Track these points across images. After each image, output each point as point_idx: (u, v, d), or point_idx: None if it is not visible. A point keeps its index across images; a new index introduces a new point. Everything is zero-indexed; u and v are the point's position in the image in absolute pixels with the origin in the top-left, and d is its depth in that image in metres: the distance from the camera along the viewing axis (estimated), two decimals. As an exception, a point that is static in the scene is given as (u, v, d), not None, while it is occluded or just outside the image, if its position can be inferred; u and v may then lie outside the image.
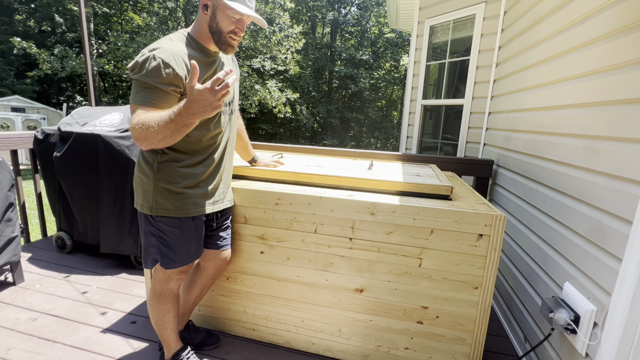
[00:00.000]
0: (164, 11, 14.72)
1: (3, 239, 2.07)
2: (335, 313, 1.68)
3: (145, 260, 1.46)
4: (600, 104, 1.36)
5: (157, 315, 1.50)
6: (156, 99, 1.18)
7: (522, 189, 2.09)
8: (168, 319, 1.50)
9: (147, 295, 1.54)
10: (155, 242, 1.40)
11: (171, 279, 1.46)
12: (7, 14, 16.10)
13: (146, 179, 1.34)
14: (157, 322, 1.51)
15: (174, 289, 1.50)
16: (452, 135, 3.46)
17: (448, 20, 3.37)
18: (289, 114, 16.08)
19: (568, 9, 1.68)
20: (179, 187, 1.34)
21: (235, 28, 1.29)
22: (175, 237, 1.39)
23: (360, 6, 22.72)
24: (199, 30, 1.30)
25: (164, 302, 1.48)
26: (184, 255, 1.43)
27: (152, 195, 1.33)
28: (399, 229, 1.51)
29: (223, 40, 1.30)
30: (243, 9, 1.25)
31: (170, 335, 1.54)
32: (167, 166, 1.32)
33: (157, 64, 1.15)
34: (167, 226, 1.37)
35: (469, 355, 1.58)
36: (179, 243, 1.40)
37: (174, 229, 1.38)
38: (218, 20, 1.26)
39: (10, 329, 1.86)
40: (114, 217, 2.49)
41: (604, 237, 1.24)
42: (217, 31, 1.28)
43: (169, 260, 1.41)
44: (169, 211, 1.35)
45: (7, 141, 2.59)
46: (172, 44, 1.24)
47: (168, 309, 1.49)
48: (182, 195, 1.35)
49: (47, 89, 18.55)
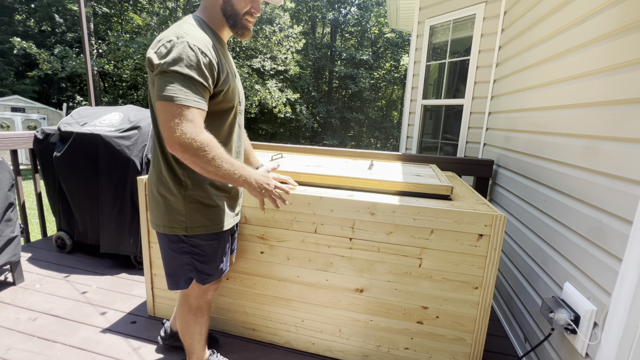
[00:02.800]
0: (164, 11, 14.71)
1: (3, 239, 2.07)
2: (335, 313, 1.68)
3: (175, 282, 1.34)
4: (601, 104, 1.36)
5: (194, 330, 1.43)
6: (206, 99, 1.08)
7: (522, 189, 2.09)
8: (204, 331, 1.46)
9: (179, 311, 1.45)
10: (189, 259, 1.30)
11: (208, 290, 1.41)
12: (7, 14, 16.10)
13: (173, 197, 1.21)
14: (195, 337, 1.44)
15: (210, 299, 1.45)
16: (452, 135, 3.46)
17: (448, 20, 3.37)
18: (289, 114, 16.09)
19: (568, 9, 1.68)
20: (212, 201, 1.25)
21: (251, 8, 1.19)
22: (212, 252, 1.32)
23: (361, 6, 22.72)
24: (211, 16, 1.19)
25: (201, 316, 1.42)
26: (220, 268, 1.37)
27: (184, 214, 1.22)
28: (399, 229, 1.51)
29: (240, 24, 1.19)
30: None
31: (202, 345, 1.48)
32: (198, 180, 1.22)
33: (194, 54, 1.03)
34: (203, 241, 1.28)
35: (469, 355, 1.58)
36: (215, 257, 1.34)
37: (211, 243, 1.30)
38: (233, 2, 1.16)
39: (10, 329, 1.86)
40: (114, 217, 2.49)
41: (604, 237, 1.24)
42: (233, 14, 1.17)
43: (205, 275, 1.33)
44: (207, 228, 1.26)
45: (7, 141, 2.59)
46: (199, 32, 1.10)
47: (205, 321, 1.45)
48: (217, 209, 1.27)
49: (47, 89, 18.55)
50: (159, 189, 1.23)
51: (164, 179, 1.21)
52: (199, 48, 1.04)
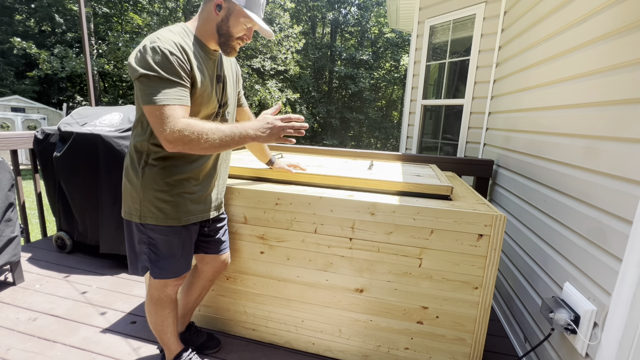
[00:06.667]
0: (164, 11, 14.71)
1: (3, 239, 2.07)
2: (335, 313, 1.68)
3: (134, 266, 1.41)
4: (601, 104, 1.36)
5: (155, 320, 1.47)
6: (186, 96, 1.15)
7: (522, 189, 2.09)
8: (167, 323, 1.48)
9: (145, 300, 1.52)
10: (146, 249, 1.35)
11: (167, 285, 1.42)
12: (7, 14, 16.09)
13: (133, 186, 1.28)
14: (156, 328, 1.49)
15: (172, 294, 1.46)
16: (452, 135, 3.46)
17: (448, 21, 3.37)
18: (289, 114, 16.06)
19: (568, 9, 1.68)
20: (169, 194, 1.28)
21: (244, 35, 1.28)
22: (167, 247, 1.34)
23: (360, 6, 22.73)
24: (203, 27, 1.25)
25: (161, 308, 1.45)
26: (175, 266, 1.38)
27: (140, 202, 1.27)
28: (399, 229, 1.51)
29: (229, 45, 1.28)
30: (258, 20, 1.24)
31: (171, 339, 1.52)
32: (156, 171, 1.26)
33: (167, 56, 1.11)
34: (157, 235, 1.32)
35: (469, 355, 1.58)
36: (169, 254, 1.36)
37: (165, 238, 1.33)
38: (230, 25, 1.23)
39: (10, 329, 1.86)
40: (114, 217, 2.49)
41: (604, 237, 1.24)
42: (226, 34, 1.25)
43: (158, 270, 1.36)
44: (158, 219, 1.29)
45: (7, 141, 2.59)
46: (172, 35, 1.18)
47: (166, 315, 1.47)
48: (171, 203, 1.30)
49: (47, 89, 18.54)
50: (125, 177, 1.32)
51: (128, 169, 1.30)
52: (168, 49, 1.11)
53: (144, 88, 1.11)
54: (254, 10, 1.24)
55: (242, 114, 1.66)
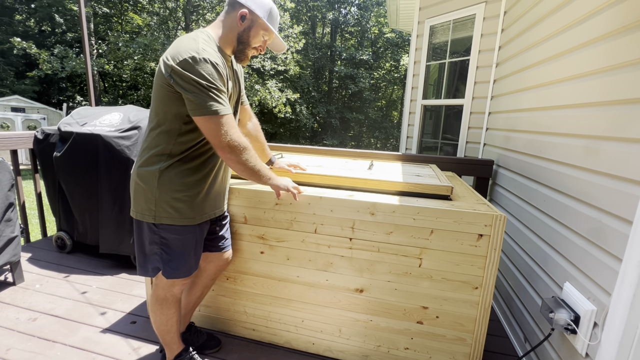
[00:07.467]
0: (164, 11, 14.71)
1: (3, 239, 2.07)
2: (335, 313, 1.68)
3: (144, 268, 1.42)
4: (600, 104, 1.36)
5: (160, 320, 1.48)
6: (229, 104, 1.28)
7: (522, 189, 2.09)
8: (172, 323, 1.49)
9: (149, 300, 1.52)
10: (157, 250, 1.36)
11: (175, 284, 1.44)
12: (7, 14, 16.09)
13: (148, 186, 1.29)
14: (161, 327, 1.49)
15: (178, 294, 1.48)
16: (452, 135, 3.46)
17: (448, 21, 3.37)
18: (289, 114, 16.09)
19: (568, 9, 1.68)
20: (186, 194, 1.31)
21: (260, 46, 1.38)
22: (179, 247, 1.37)
23: (360, 6, 22.72)
24: (225, 35, 1.31)
25: (167, 308, 1.46)
26: (187, 265, 1.41)
27: (155, 203, 1.30)
28: (399, 229, 1.51)
29: (244, 52, 1.36)
30: (277, 34, 1.39)
31: (173, 339, 1.53)
32: (175, 173, 1.29)
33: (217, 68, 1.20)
34: (171, 234, 1.34)
35: (469, 355, 1.58)
36: (182, 253, 1.38)
37: (178, 237, 1.35)
38: (251, 35, 1.32)
39: (10, 329, 1.86)
40: (114, 217, 2.49)
41: (604, 237, 1.24)
42: (246, 43, 1.33)
43: (171, 269, 1.38)
44: (173, 219, 1.32)
45: (7, 141, 2.59)
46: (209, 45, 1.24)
47: (172, 314, 1.48)
48: (188, 203, 1.33)
49: (47, 89, 18.54)
50: (138, 179, 1.32)
51: (142, 170, 1.31)
52: (216, 62, 1.20)
53: (200, 98, 1.17)
54: (273, 25, 1.36)
55: (244, 111, 1.67)
